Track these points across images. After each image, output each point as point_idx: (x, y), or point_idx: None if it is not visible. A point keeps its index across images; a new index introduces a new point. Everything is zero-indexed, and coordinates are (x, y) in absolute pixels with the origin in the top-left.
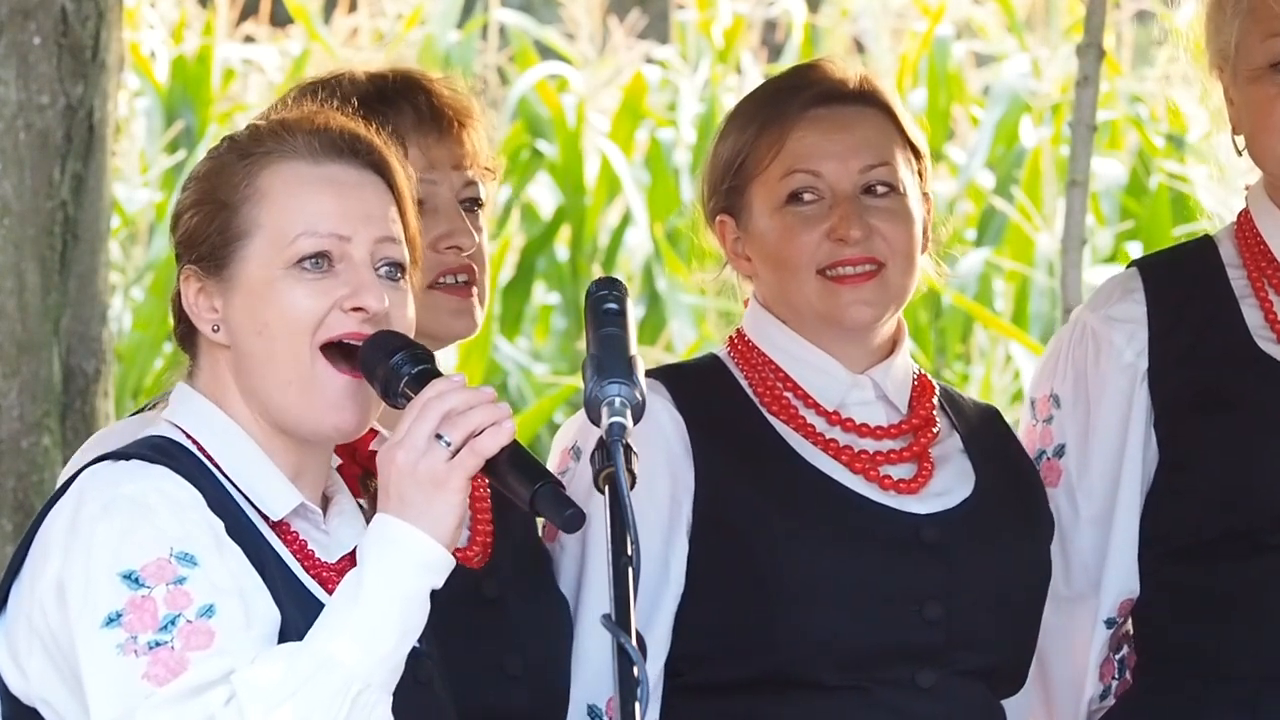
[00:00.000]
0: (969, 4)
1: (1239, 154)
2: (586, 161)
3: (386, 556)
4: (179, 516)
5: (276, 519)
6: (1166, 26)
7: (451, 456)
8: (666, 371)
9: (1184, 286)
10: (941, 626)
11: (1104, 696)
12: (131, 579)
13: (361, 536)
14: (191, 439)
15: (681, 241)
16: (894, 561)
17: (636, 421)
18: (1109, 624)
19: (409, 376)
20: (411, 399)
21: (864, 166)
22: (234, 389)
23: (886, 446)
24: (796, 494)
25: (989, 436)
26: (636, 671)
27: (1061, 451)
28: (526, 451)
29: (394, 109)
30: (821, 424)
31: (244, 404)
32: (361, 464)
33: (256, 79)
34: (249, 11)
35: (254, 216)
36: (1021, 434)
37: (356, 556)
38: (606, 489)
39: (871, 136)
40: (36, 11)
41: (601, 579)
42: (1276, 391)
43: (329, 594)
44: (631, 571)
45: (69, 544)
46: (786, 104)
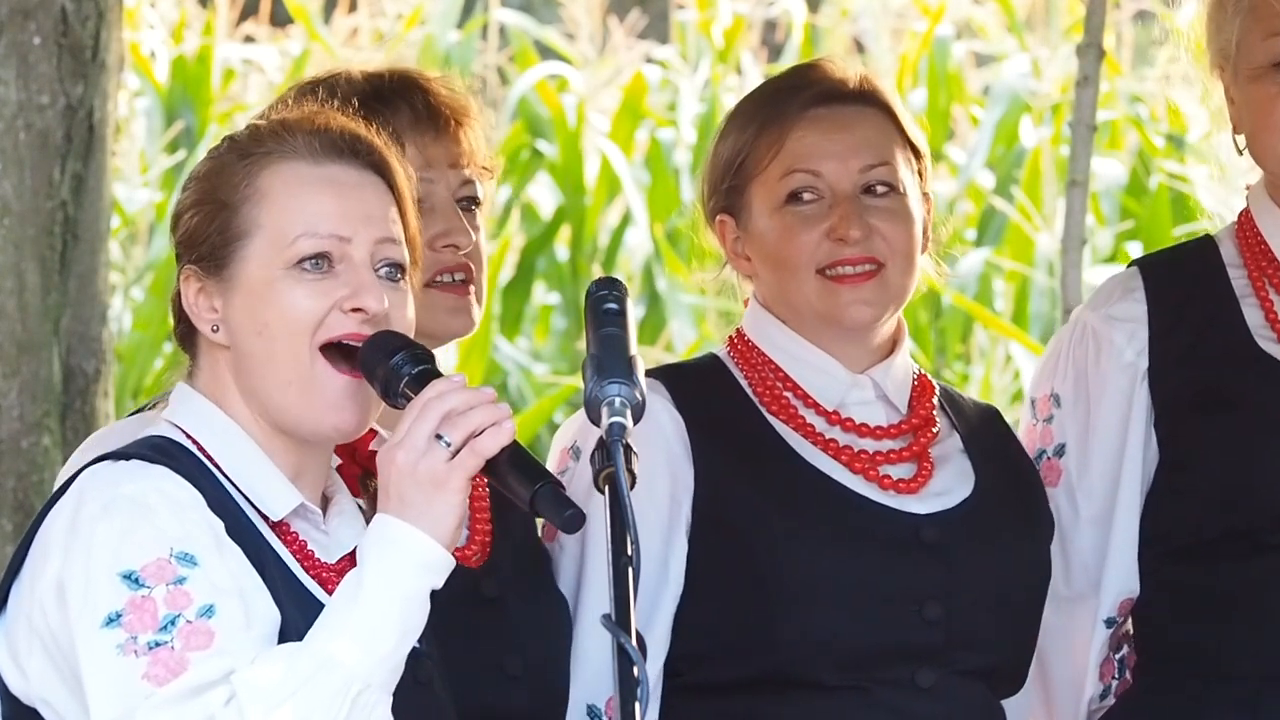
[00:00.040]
0: (969, 4)
1: (1240, 153)
2: (586, 161)
3: (386, 557)
4: (179, 516)
5: (276, 519)
6: (1166, 26)
7: (451, 457)
8: (666, 371)
9: (1184, 286)
10: (941, 626)
11: (1104, 696)
12: (131, 579)
13: (361, 537)
14: (191, 439)
15: (681, 241)
16: (894, 561)
17: (636, 421)
18: (1109, 624)
19: (409, 377)
20: (412, 399)
21: (864, 166)
22: (234, 389)
23: (886, 446)
24: (796, 494)
25: (989, 436)
26: (636, 671)
27: (1062, 451)
28: (526, 452)
29: (391, 108)
30: (821, 424)
31: (244, 404)
32: (361, 464)
33: (256, 79)
34: (249, 11)
35: (254, 217)
36: (1022, 433)
37: (356, 557)
38: (606, 489)
39: (871, 136)
40: (36, 11)
41: (601, 579)
42: (1277, 391)
43: (329, 594)
44: (631, 571)
45: (69, 544)
46: (786, 104)
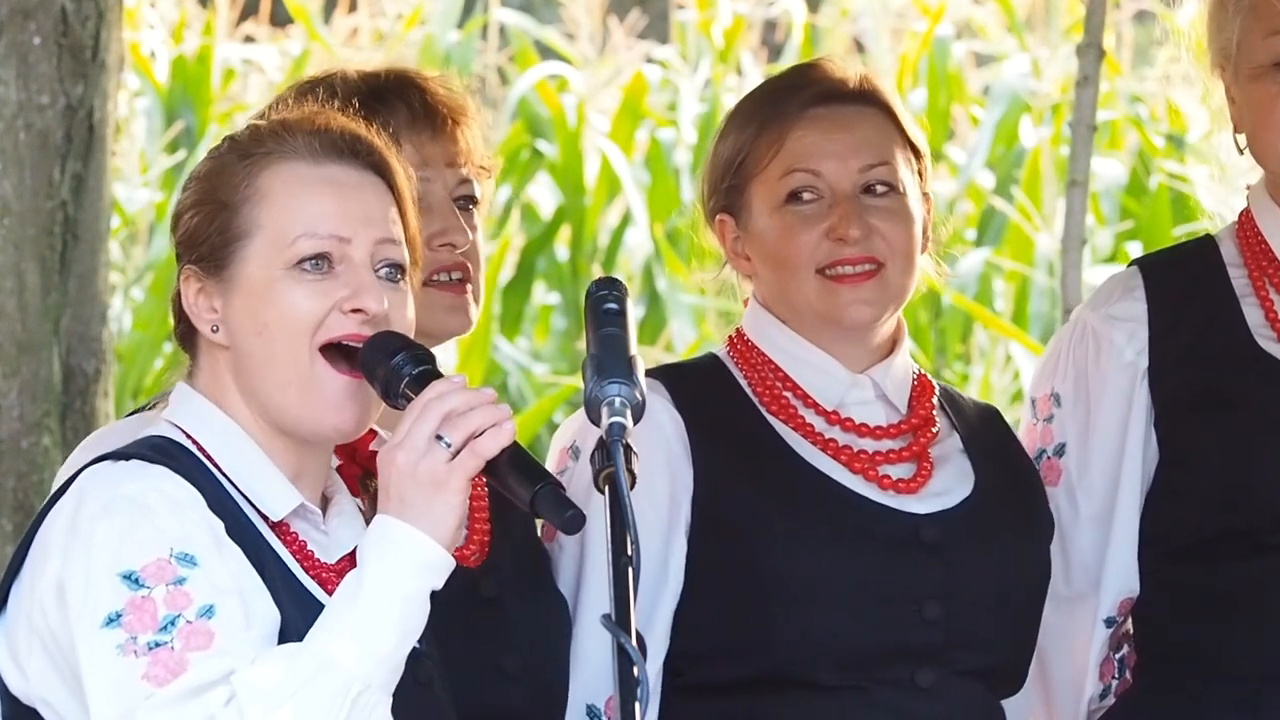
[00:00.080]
0: (969, 4)
1: (1240, 153)
2: (586, 161)
3: (386, 557)
4: (179, 517)
5: (276, 519)
6: (1166, 26)
7: (452, 458)
8: (666, 371)
9: (1184, 285)
10: (941, 626)
11: (1104, 696)
12: (131, 579)
13: (361, 537)
14: (191, 439)
15: (681, 241)
16: (893, 561)
17: (636, 421)
18: (1109, 623)
19: (410, 377)
20: (412, 400)
21: (864, 166)
22: (234, 389)
23: (886, 446)
24: (796, 494)
25: (989, 436)
26: (636, 671)
27: (1062, 450)
28: (527, 453)
29: (388, 107)
30: (821, 424)
31: (244, 404)
32: (361, 464)
33: (256, 79)
34: (249, 11)
35: (254, 217)
36: (1022, 433)
37: (356, 557)
38: (606, 489)
39: (871, 136)
40: (36, 11)
41: (600, 579)
42: (1277, 391)
43: (328, 595)
44: (631, 571)
45: (69, 544)
46: (786, 103)
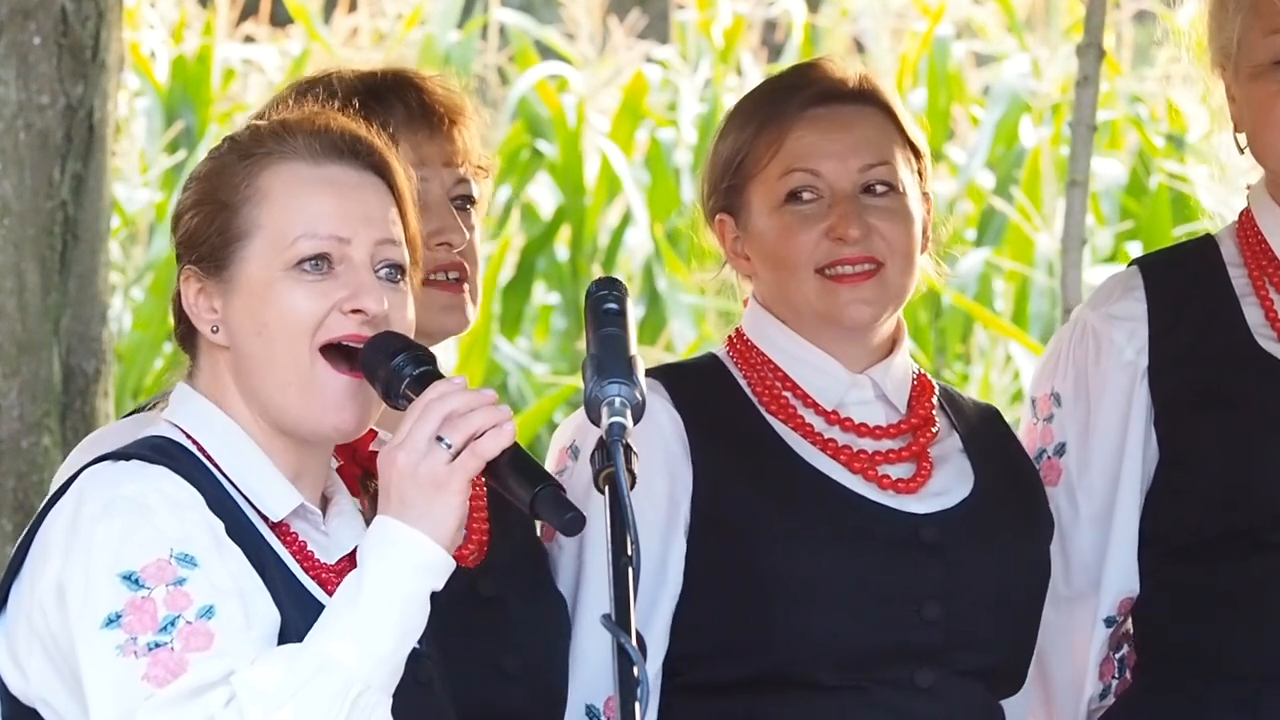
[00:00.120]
0: (969, 4)
1: (1241, 152)
2: (586, 161)
3: (386, 558)
4: (179, 517)
5: (276, 520)
6: (1166, 26)
7: (452, 459)
8: (665, 371)
9: (1184, 285)
10: (940, 626)
11: (1104, 696)
12: (131, 580)
13: (361, 538)
14: (191, 439)
15: (681, 241)
16: (893, 561)
17: (636, 421)
18: (1109, 623)
19: (410, 378)
20: (413, 400)
21: (863, 166)
22: (234, 389)
23: (885, 446)
24: (795, 494)
25: (989, 436)
26: (636, 671)
27: (1062, 450)
28: (527, 454)
29: (385, 106)
30: (820, 423)
31: (244, 404)
32: (361, 464)
33: (256, 79)
34: (249, 11)
35: (254, 217)
36: (1022, 433)
37: (356, 558)
38: (606, 489)
39: (871, 136)
40: (36, 11)
41: (600, 578)
42: (1277, 390)
43: (329, 595)
44: (631, 571)
45: (69, 544)
46: (786, 103)
